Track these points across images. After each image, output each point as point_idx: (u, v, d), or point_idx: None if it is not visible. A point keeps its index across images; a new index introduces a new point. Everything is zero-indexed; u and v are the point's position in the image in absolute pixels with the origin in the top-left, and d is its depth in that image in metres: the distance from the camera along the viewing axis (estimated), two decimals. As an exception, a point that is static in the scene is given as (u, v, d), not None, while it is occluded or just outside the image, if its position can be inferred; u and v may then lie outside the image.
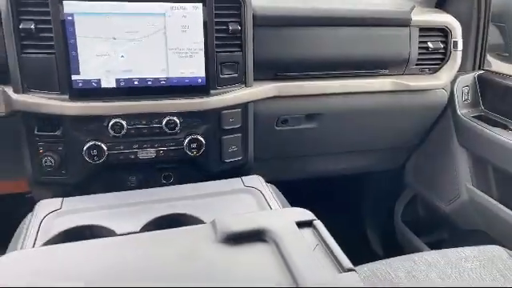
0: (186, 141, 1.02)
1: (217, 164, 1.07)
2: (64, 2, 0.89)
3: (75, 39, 0.92)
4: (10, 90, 0.93)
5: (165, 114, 0.99)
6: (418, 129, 1.39)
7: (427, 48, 1.24)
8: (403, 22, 1.20)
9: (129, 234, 0.63)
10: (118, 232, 0.65)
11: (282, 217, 0.59)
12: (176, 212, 0.71)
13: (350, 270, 0.49)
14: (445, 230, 1.51)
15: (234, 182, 0.87)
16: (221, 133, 1.06)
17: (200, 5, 0.96)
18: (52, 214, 0.71)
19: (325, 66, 1.17)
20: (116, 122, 0.96)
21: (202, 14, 0.97)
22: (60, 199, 0.77)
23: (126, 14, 0.93)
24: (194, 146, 1.02)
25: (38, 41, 0.91)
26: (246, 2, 1.00)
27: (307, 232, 0.57)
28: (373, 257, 0.98)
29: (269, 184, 0.89)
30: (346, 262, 0.51)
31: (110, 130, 0.96)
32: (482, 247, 0.99)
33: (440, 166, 1.41)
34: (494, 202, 1.23)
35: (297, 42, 1.13)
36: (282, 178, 1.13)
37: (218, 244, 0.53)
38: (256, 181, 0.88)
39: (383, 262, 0.91)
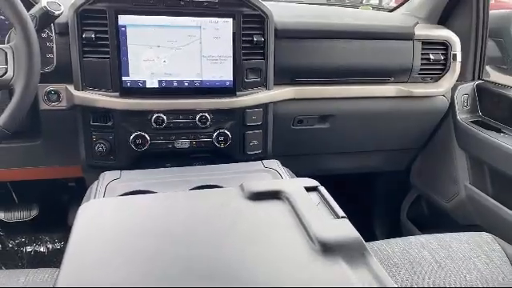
0: (215, 134, 1.19)
1: (240, 155, 1.24)
2: (119, 16, 1.08)
3: (126, 46, 1.10)
4: (71, 88, 1.11)
5: (198, 111, 1.17)
6: (420, 132, 1.54)
7: (429, 59, 1.39)
8: (407, 36, 1.36)
9: None
10: None
11: (294, 183, 0.75)
12: (210, 183, 0.88)
13: (342, 217, 0.65)
14: (445, 226, 1.63)
15: (256, 164, 1.04)
16: (244, 128, 1.22)
17: (230, 19, 1.14)
18: (114, 181, 0.89)
19: (336, 73, 1.33)
20: (158, 117, 1.13)
21: (231, 27, 1.14)
22: (119, 171, 0.95)
23: (168, 26, 1.12)
24: (221, 138, 1.19)
25: (96, 47, 1.09)
26: (269, 18, 1.17)
27: (313, 194, 0.73)
28: None
29: (284, 167, 1.05)
30: (341, 212, 0.66)
31: (153, 123, 1.14)
32: (472, 233, 1.11)
33: (441, 167, 1.54)
34: (490, 198, 1.36)
35: (312, 52, 1.30)
36: (295, 173, 1.29)
37: (245, 199, 0.69)
38: (274, 164, 1.04)
39: (383, 241, 1.05)
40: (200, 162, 1.25)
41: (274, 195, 0.71)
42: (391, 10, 1.72)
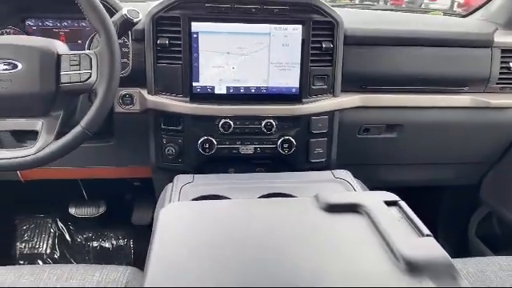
0: (280, 141, 1.19)
1: (303, 163, 1.22)
2: (192, 23, 1.11)
3: (198, 53, 1.13)
4: (144, 92, 1.16)
5: (264, 117, 1.17)
6: (496, 145, 1.44)
7: (509, 68, 1.30)
8: (485, 44, 1.28)
9: None
10: None
11: (373, 196, 0.72)
12: (280, 191, 0.88)
13: (428, 235, 0.62)
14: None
15: (326, 174, 1.02)
16: (309, 136, 1.21)
17: (300, 26, 1.14)
18: (187, 184, 0.91)
19: (406, 81, 1.28)
20: (225, 122, 1.15)
21: (300, 34, 1.14)
22: (191, 175, 0.98)
23: (239, 33, 1.13)
24: (285, 145, 1.19)
25: (169, 53, 1.12)
26: (339, 25, 1.16)
27: (393, 209, 0.70)
28: None
29: (356, 179, 1.02)
30: (425, 229, 0.63)
31: (220, 128, 1.15)
32: None
33: (518, 183, 1.44)
34: None
35: (381, 59, 1.26)
36: None
37: (320, 211, 0.68)
38: (345, 174, 1.02)
39: (457, 259, 0.99)
40: (262, 167, 1.25)
41: (352, 208, 0.69)
42: (464, 16, 1.64)
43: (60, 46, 0.94)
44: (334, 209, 0.68)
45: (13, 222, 1.72)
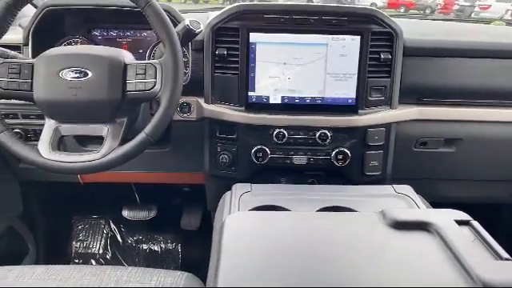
0: (334, 152, 1.17)
1: (358, 176, 1.20)
2: (250, 34, 1.12)
3: (255, 63, 1.14)
4: (201, 101, 1.18)
5: (318, 128, 1.16)
6: None
7: None
8: (555, 55, 1.21)
9: None
10: None
11: (442, 215, 0.70)
12: (340, 205, 0.86)
13: (507, 259, 0.58)
14: None
15: (386, 188, 1.00)
16: (365, 148, 1.18)
17: (358, 37, 1.12)
18: (246, 193, 0.92)
19: (466, 94, 1.23)
20: (279, 132, 1.15)
21: (358, 45, 1.13)
22: (249, 184, 0.98)
23: (296, 43, 1.13)
24: (340, 157, 1.17)
25: (227, 63, 1.14)
26: (398, 36, 1.13)
27: (465, 229, 0.67)
28: None
29: (419, 195, 0.99)
30: (503, 253, 0.60)
31: (274, 138, 1.16)
32: None
33: None
34: None
35: (440, 70, 1.22)
36: None
37: (387, 227, 0.66)
38: (407, 189, 0.99)
39: None
40: (314, 178, 1.24)
41: (421, 226, 0.66)
42: (529, 26, 1.56)
43: (126, 56, 0.98)
44: (401, 226, 0.66)
45: (69, 221, 1.80)
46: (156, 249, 1.77)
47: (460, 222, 0.67)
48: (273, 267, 0.57)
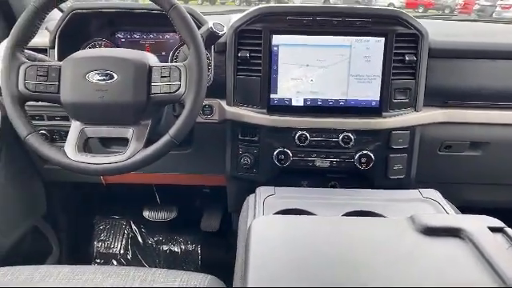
0: (357, 155, 1.16)
1: (381, 179, 1.19)
2: (273, 36, 1.12)
3: (277, 65, 1.14)
4: (224, 103, 1.18)
5: (342, 131, 1.15)
6: None
7: None
8: None
9: None
10: None
11: (475, 221, 0.68)
12: (365, 209, 0.85)
13: (543, 268, 0.57)
14: None
15: (413, 193, 0.98)
16: (388, 151, 1.17)
17: (382, 39, 1.11)
18: (270, 197, 0.92)
19: (493, 96, 1.21)
20: (301, 134, 1.15)
21: (383, 47, 1.11)
22: (273, 187, 0.98)
23: (318, 45, 1.13)
24: (363, 160, 1.16)
25: (249, 66, 1.14)
26: (424, 37, 1.11)
27: (498, 236, 0.65)
28: None
29: (446, 200, 0.97)
30: None
31: (296, 140, 1.15)
32: None
33: None
34: None
35: (466, 73, 1.20)
36: None
37: (417, 233, 0.65)
38: (434, 194, 0.97)
39: None
40: (336, 181, 1.23)
41: (452, 232, 0.65)
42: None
43: (151, 58, 0.98)
44: (432, 232, 0.65)
45: (91, 221, 1.82)
46: (176, 250, 1.78)
47: (493, 229, 0.65)
48: (302, 271, 0.57)
